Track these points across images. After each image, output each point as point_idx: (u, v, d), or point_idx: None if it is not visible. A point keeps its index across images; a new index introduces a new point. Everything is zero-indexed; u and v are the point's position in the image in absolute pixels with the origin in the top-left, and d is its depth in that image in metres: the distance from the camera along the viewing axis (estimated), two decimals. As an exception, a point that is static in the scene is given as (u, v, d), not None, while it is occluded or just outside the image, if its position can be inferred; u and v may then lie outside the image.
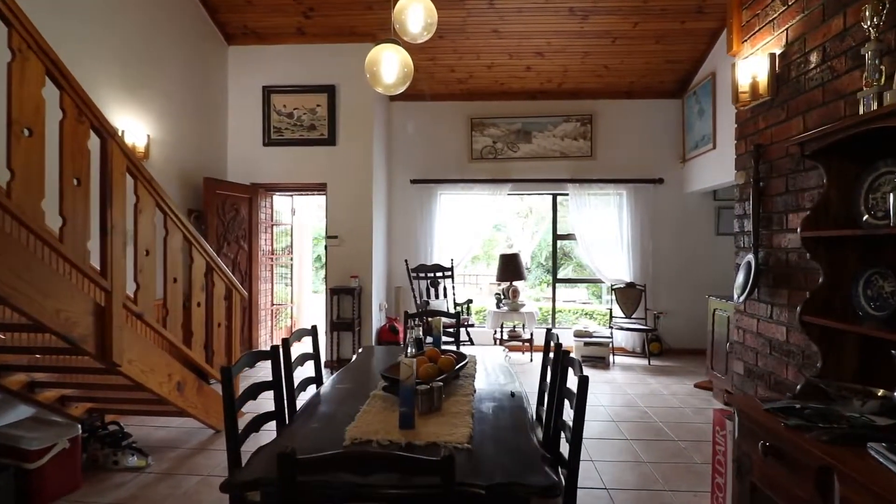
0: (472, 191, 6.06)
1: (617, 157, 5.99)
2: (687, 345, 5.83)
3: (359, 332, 5.25)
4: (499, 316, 5.54)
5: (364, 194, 5.33)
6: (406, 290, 6.07)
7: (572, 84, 5.83)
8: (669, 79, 5.70)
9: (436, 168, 6.13)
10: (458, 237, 6.12)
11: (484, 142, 6.07)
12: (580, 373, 1.72)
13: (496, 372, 2.46)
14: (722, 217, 5.90)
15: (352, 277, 5.26)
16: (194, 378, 3.19)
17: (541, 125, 6.01)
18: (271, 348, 2.18)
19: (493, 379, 2.31)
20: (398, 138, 6.18)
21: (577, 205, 5.93)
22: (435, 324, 2.57)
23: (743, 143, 2.58)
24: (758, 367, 2.45)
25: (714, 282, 5.86)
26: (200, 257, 3.29)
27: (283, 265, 6.42)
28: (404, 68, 2.45)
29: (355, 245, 5.33)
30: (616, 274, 5.91)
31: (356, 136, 5.31)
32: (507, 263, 5.73)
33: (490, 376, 2.37)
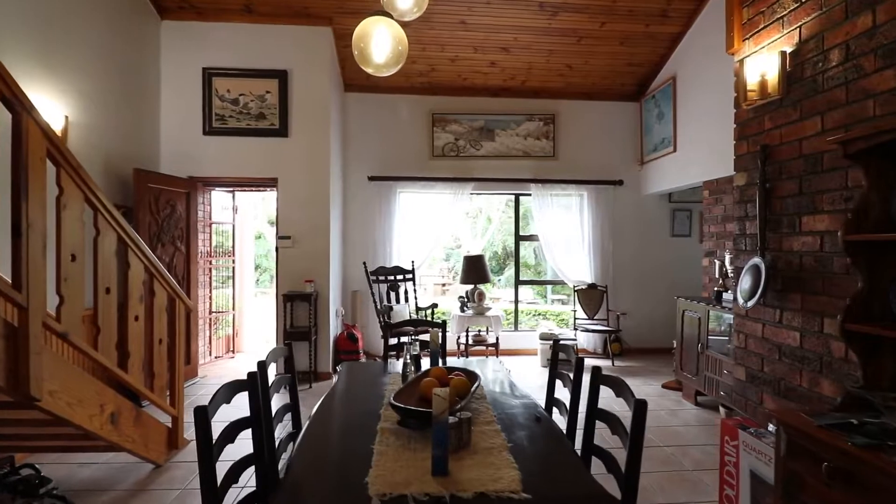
0: (434, 189, 5.79)
1: (578, 158, 5.97)
2: (645, 344, 5.92)
3: (315, 341, 4.81)
4: (464, 320, 5.32)
5: (320, 191, 4.89)
6: (364, 294, 5.69)
7: (536, 82, 5.73)
8: (629, 81, 5.75)
9: (395, 165, 5.79)
10: (419, 238, 5.82)
11: (446, 138, 5.82)
12: (632, 397, 1.52)
13: (502, 388, 2.22)
14: (677, 219, 6.05)
15: (307, 282, 4.81)
16: (131, 406, 2.67)
17: (504, 123, 5.86)
18: (248, 376, 1.79)
19: (504, 398, 2.07)
20: (354, 132, 5.78)
21: (540, 205, 5.85)
22: (433, 337, 2.28)
23: (745, 144, 2.53)
24: (763, 372, 2.40)
25: (669, 282, 6.01)
26: (139, 262, 2.77)
27: (223, 268, 5.80)
28: (398, 46, 2.14)
29: (311, 247, 4.88)
30: (578, 275, 5.88)
31: (311, 127, 4.86)
32: (471, 266, 5.51)
33: (498, 394, 2.12)
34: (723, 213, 4.43)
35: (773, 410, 1.76)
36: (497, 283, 12.60)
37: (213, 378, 4.94)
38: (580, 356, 2.07)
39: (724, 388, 3.71)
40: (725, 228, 4.40)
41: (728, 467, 2.36)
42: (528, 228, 6.89)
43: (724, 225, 4.42)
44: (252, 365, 5.65)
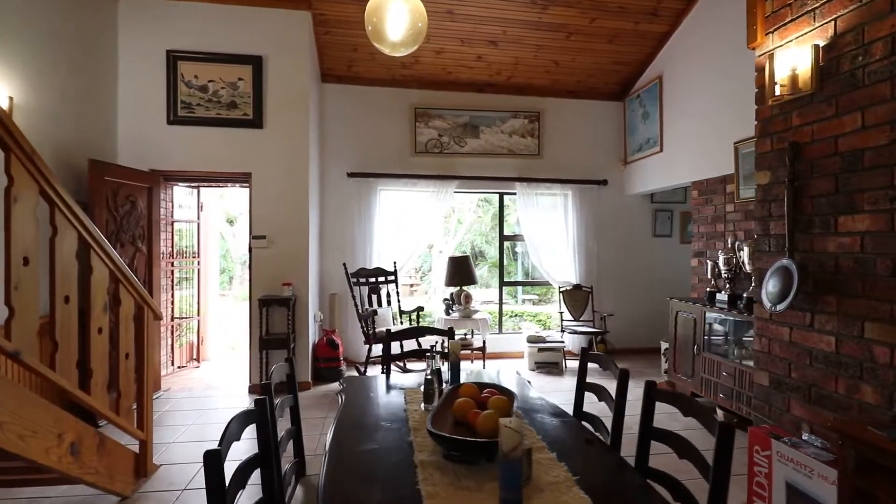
0: (417, 187, 5.54)
1: (563, 157, 5.87)
2: (628, 345, 5.90)
3: (294, 349, 4.47)
4: (450, 323, 5.10)
5: (299, 187, 4.56)
6: (342, 297, 5.38)
7: (522, 79, 5.58)
8: (614, 80, 5.70)
9: (375, 161, 5.51)
10: (401, 238, 5.56)
11: (429, 134, 5.59)
12: (713, 420, 1.35)
13: (532, 403, 2.02)
14: (658, 219, 6.06)
15: (284, 285, 4.46)
16: (93, 433, 2.30)
17: (489, 120, 5.69)
18: (256, 403, 1.52)
19: (541, 416, 1.87)
20: (332, 125, 5.45)
21: (525, 204, 5.71)
22: (453, 349, 2.06)
23: (768, 142, 2.44)
24: (791, 378, 2.31)
25: (652, 283, 6.01)
26: (103, 266, 2.40)
27: (186, 270, 5.34)
28: (417, 22, 1.91)
29: (288, 247, 4.54)
30: (563, 276, 5.79)
31: (289, 118, 4.52)
32: (457, 267, 5.31)
33: (531, 411, 1.92)
34: (713, 213, 4.42)
35: (836, 423, 1.64)
36: None
37: (179, 391, 4.51)
38: (623, 369, 1.89)
39: (722, 390, 3.67)
40: (716, 228, 4.39)
41: (758, 478, 2.26)
42: (508, 229, 6.75)
43: (714, 225, 4.41)
44: (220, 375, 5.21)
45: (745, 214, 4.05)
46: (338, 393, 2.23)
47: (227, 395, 4.40)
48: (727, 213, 4.25)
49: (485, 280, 12.62)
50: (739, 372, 3.51)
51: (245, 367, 5.06)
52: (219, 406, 4.14)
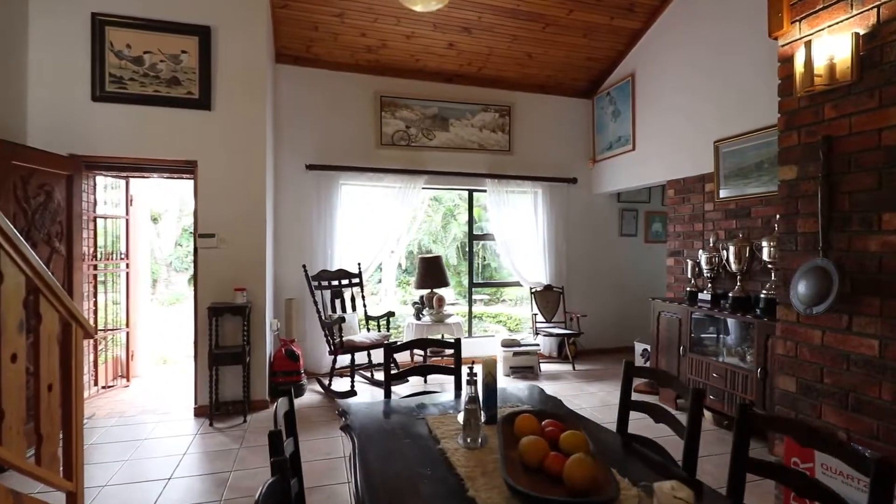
0: (382, 182, 5.13)
1: (533, 153, 5.70)
2: (597, 345, 5.83)
3: (249, 363, 3.92)
4: (422, 329, 4.75)
5: (254, 179, 4.01)
6: (300, 302, 4.85)
7: (492, 70, 5.33)
8: (583, 77, 5.61)
9: (337, 152, 5.03)
10: (366, 237, 5.12)
11: (395, 125, 5.19)
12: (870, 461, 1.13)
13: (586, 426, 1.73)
14: (625, 219, 6.06)
15: (237, 291, 3.90)
16: (5, 492, 1.74)
17: (459, 112, 5.39)
18: (271, 438, 1.12)
19: (608, 447, 1.58)
20: (288, 111, 4.91)
21: (496, 202, 5.47)
22: (487, 367, 1.72)
23: (794, 135, 2.33)
24: (823, 383, 2.20)
25: (619, 283, 6.00)
26: (16, 270, 1.83)
27: (112, 274, 4.58)
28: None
29: (242, 247, 3.98)
30: (535, 276, 5.61)
31: (243, 99, 3.96)
32: (428, 268, 4.96)
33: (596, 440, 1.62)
34: (691, 212, 4.40)
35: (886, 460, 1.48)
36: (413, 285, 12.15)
37: (107, 417, 3.81)
38: (697, 389, 1.65)
39: (712, 391, 3.61)
40: (693, 228, 4.37)
41: (797, 492, 2.11)
42: (460, 228, 6.50)
43: (691, 224, 4.39)
44: (155, 395, 4.54)
45: (725, 213, 4.04)
46: (341, 428, 1.82)
47: (167, 421, 3.77)
48: (706, 212, 4.23)
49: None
50: (731, 373, 3.45)
51: (186, 385, 4.45)
52: (158, 434, 3.53)
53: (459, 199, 12.63)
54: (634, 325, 6.02)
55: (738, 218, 3.91)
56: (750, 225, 3.80)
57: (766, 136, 3.62)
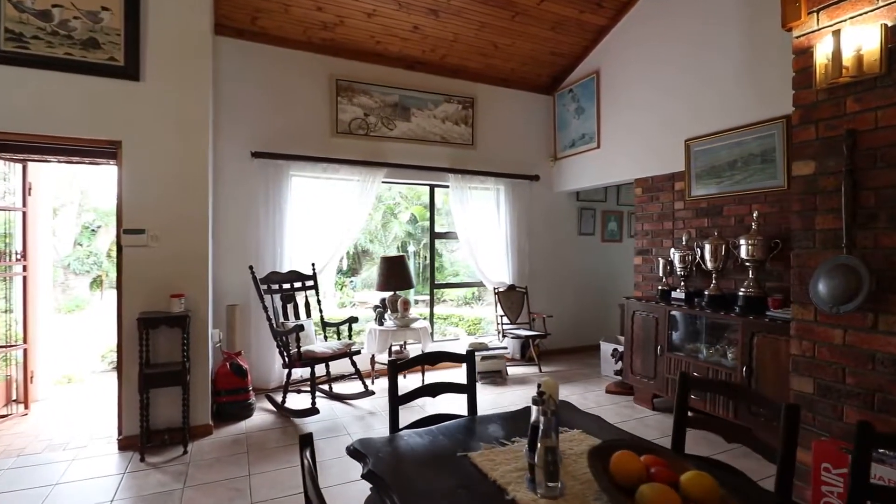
0: (339, 173, 4.66)
1: (496, 148, 5.49)
2: (557, 346, 5.73)
3: (189, 383, 3.31)
4: (386, 336, 4.35)
5: (195, 166, 3.42)
6: (245, 308, 4.27)
7: (456, 59, 5.04)
8: (546, 72, 5.49)
9: (287, 139, 4.49)
10: (321, 235, 4.62)
11: (353, 112, 4.74)
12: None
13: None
14: (583, 218, 6.03)
15: (174, 298, 3.28)
16: None
17: (421, 101, 5.04)
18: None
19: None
20: (230, 91, 4.29)
21: (459, 198, 5.19)
22: (549, 388, 1.41)
23: (812, 129, 2.27)
24: (845, 384, 2.15)
25: (579, 282, 5.97)
26: None
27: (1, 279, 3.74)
28: None
29: (180, 245, 3.37)
30: (498, 276, 5.40)
31: (181, 71, 3.35)
32: (391, 268, 4.57)
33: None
34: (660, 210, 4.40)
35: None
36: (351, 286, 11.61)
37: (1, 457, 3.04)
38: (792, 405, 1.46)
39: (693, 391, 3.57)
40: (663, 226, 4.37)
41: (829, 499, 2.04)
42: (402, 228, 6.16)
43: (661, 223, 4.39)
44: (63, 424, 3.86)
45: (696, 212, 4.06)
46: (364, 477, 1.43)
47: (84, 458, 3.09)
48: (676, 210, 4.24)
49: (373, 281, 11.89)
50: (714, 372, 3.43)
51: (102, 410, 3.75)
52: (74, 476, 2.86)
53: (401, 198, 12.31)
54: (595, 324, 6.03)
55: (710, 216, 3.94)
56: (723, 223, 3.83)
57: (740, 136, 3.65)
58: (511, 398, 4.18)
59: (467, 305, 10.01)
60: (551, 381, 1.41)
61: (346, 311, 9.12)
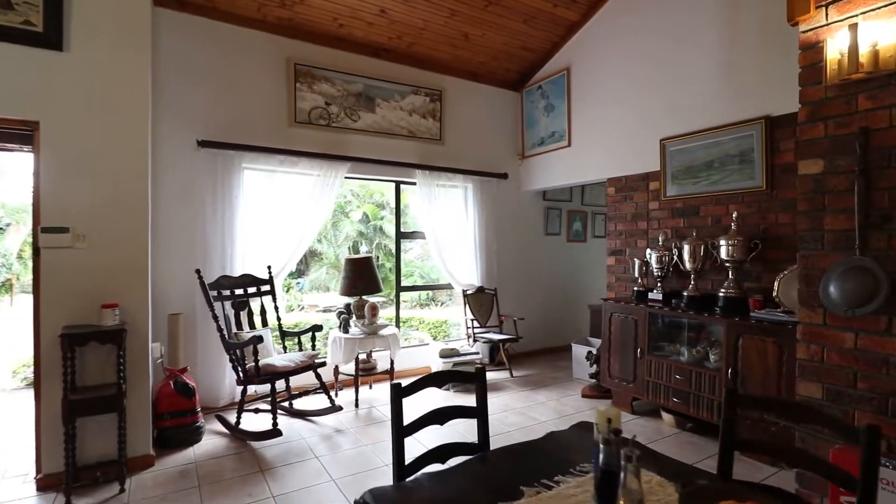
0: (297, 167, 4.24)
1: (464, 144, 5.26)
2: (525, 348, 5.59)
3: (126, 408, 2.81)
4: (352, 343, 3.99)
5: (133, 153, 2.93)
6: (189, 318, 3.77)
7: (424, 49, 4.76)
8: (515, 67, 5.33)
9: (239, 128, 4.03)
10: (277, 234, 4.19)
11: (313, 101, 4.34)
12: None
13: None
14: (549, 217, 5.94)
15: (107, 308, 2.78)
16: None
17: (387, 92, 4.71)
18: None
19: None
20: (171, 70, 3.77)
21: (427, 196, 4.91)
22: (609, 419, 1.18)
23: (820, 127, 2.20)
24: (856, 389, 2.10)
25: (546, 283, 5.87)
26: None
27: None
28: None
29: (114, 247, 2.86)
30: (467, 277, 5.18)
31: (114, 40, 2.85)
32: (357, 271, 4.22)
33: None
34: (633, 210, 4.34)
35: None
36: (298, 288, 11.01)
37: None
38: (872, 425, 1.31)
39: (675, 394, 3.51)
40: (636, 226, 4.32)
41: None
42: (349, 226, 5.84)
43: (635, 223, 4.34)
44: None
45: (671, 212, 4.03)
46: None
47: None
48: (650, 210, 4.20)
49: (322, 283, 11.37)
50: (696, 374, 3.38)
51: (17, 439, 3.17)
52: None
53: (353, 196, 11.81)
54: (563, 326, 5.96)
55: (687, 216, 3.91)
56: (699, 224, 3.81)
57: (718, 136, 3.64)
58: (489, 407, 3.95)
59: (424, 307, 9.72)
60: (613, 409, 1.18)
61: (295, 315, 8.58)
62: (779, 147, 3.32)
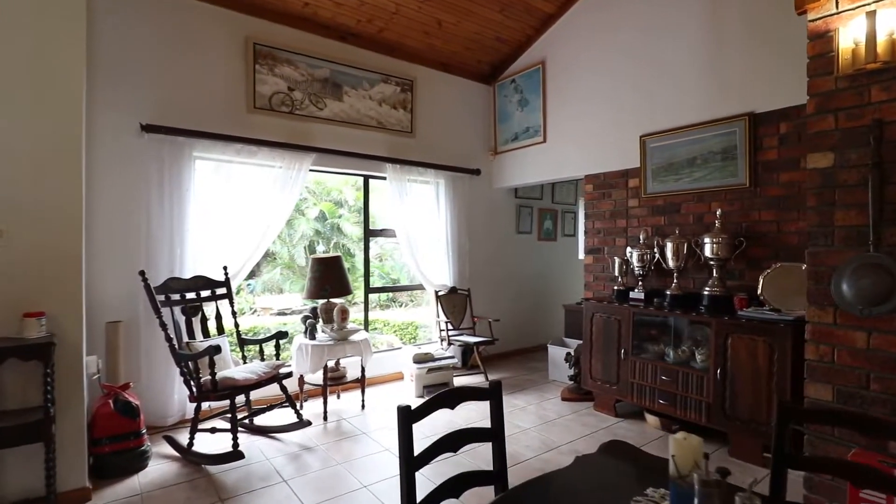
0: (256, 157, 3.85)
1: (436, 138, 5.02)
2: (496, 350, 5.40)
3: (55, 436, 2.37)
4: (321, 351, 3.65)
5: (61, 134, 2.48)
6: (130, 326, 3.32)
7: (394, 34, 4.47)
8: (488, 59, 5.13)
9: (190, 112, 3.59)
10: (234, 232, 3.78)
11: (275, 85, 3.96)
12: None
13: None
14: (521, 215, 5.80)
15: (29, 318, 2.33)
16: None
17: (355, 79, 4.39)
18: None
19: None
20: (110, 43, 3.30)
21: (398, 191, 4.63)
22: (687, 453, 0.97)
23: (830, 118, 2.12)
24: (869, 390, 2.03)
25: (518, 283, 5.72)
26: None
27: None
28: None
29: (38, 244, 2.42)
30: (439, 278, 4.93)
31: (42, 2, 2.40)
32: (325, 272, 3.87)
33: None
34: (612, 208, 4.26)
35: None
36: (249, 289, 10.42)
37: None
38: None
39: (661, 395, 3.42)
40: (615, 224, 4.24)
41: (871, 519, 1.87)
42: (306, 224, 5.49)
43: (613, 221, 4.25)
44: None
45: (651, 210, 3.96)
46: None
47: None
48: (630, 208, 4.12)
49: (276, 284, 10.82)
50: (684, 375, 3.30)
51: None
52: None
53: (308, 193, 11.27)
54: (535, 326, 5.84)
55: (668, 214, 3.85)
56: (681, 221, 3.76)
57: (700, 133, 3.59)
58: (466, 416, 3.72)
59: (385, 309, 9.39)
60: (694, 438, 0.97)
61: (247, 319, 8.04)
62: (762, 144, 3.30)
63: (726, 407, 3.07)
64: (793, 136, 3.16)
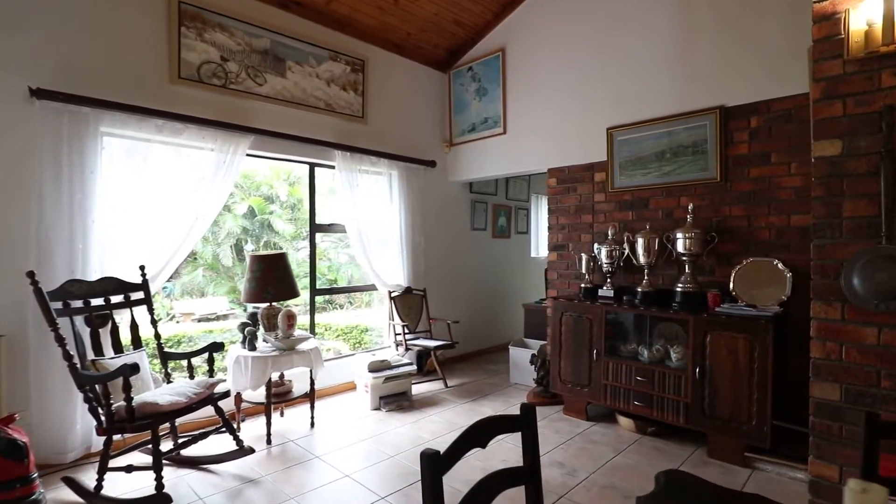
0: (181, 137, 3.25)
1: (390, 125, 4.62)
2: (452, 353, 5.10)
3: None
4: (263, 363, 3.12)
5: None
6: (19, 341, 2.64)
7: (345, 7, 4.02)
8: (444, 44, 4.81)
9: (95, 76, 2.94)
10: (156, 226, 3.16)
11: (205, 53, 3.37)
12: None
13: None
14: (476, 211, 5.54)
15: None
16: None
17: (300, 54, 3.89)
18: None
19: None
20: (-16, -18, 2.59)
21: (347, 182, 4.18)
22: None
23: (838, 105, 2.01)
24: (880, 388, 1.94)
25: (474, 282, 5.46)
26: None
27: None
28: None
29: None
30: (393, 277, 4.54)
31: None
32: (268, 272, 3.35)
33: None
34: (577, 202, 4.10)
35: None
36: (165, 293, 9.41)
37: None
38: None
39: (636, 396, 3.28)
40: (580, 219, 4.08)
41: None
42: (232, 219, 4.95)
43: (578, 216, 4.09)
44: None
45: (619, 205, 3.84)
46: None
47: None
48: (596, 203, 3.98)
49: (196, 287, 9.85)
50: (660, 374, 3.18)
51: None
52: None
53: (235, 188, 10.33)
54: (492, 326, 5.61)
55: (636, 209, 3.75)
56: (649, 216, 3.66)
57: (670, 126, 3.50)
58: (431, 429, 3.38)
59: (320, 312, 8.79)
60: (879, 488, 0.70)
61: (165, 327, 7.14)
62: (733, 138, 3.25)
63: (705, 406, 2.97)
64: (763, 131, 3.13)
